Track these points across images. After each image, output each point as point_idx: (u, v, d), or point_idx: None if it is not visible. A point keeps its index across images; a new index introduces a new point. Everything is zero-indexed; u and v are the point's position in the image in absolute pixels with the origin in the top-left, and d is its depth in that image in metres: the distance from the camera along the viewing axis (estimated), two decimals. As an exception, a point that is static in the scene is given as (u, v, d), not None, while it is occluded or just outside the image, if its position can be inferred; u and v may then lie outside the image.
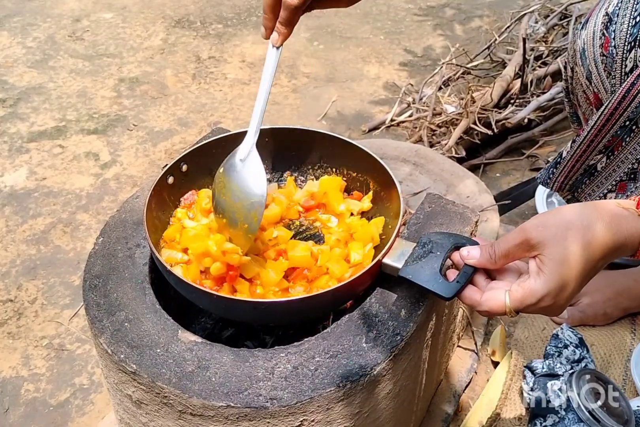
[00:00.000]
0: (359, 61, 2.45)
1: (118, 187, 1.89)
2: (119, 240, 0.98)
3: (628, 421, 1.06)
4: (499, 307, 0.75)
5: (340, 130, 2.07)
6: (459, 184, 1.38)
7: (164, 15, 2.77)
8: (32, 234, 1.73)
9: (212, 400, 0.76)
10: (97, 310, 0.87)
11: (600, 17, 1.07)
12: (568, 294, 0.74)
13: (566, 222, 0.74)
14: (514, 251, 0.76)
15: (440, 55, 2.43)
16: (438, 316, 0.98)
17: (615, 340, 1.30)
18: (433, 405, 1.18)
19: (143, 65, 2.45)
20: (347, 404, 0.79)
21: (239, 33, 2.65)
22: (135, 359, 0.80)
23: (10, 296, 1.56)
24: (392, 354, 0.82)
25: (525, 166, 1.94)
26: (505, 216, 1.68)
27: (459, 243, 0.84)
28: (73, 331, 1.48)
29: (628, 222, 0.73)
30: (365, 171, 1.05)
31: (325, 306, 0.90)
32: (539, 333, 1.32)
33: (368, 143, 1.50)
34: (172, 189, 1.00)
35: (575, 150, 1.12)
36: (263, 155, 1.09)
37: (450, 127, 1.91)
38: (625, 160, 1.06)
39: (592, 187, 1.15)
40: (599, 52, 1.07)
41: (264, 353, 0.82)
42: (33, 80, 2.35)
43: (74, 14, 2.77)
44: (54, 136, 2.09)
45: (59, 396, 1.35)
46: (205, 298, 0.86)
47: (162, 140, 2.08)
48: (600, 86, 1.10)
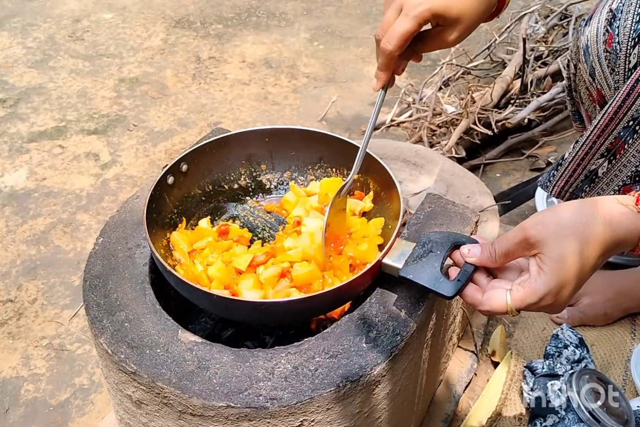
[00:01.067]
0: (359, 61, 2.45)
1: (118, 187, 1.89)
2: (119, 240, 0.98)
3: (628, 421, 1.06)
4: (500, 307, 0.75)
5: (340, 131, 2.07)
6: (459, 184, 1.38)
7: (164, 16, 2.77)
8: (32, 234, 1.73)
9: (212, 400, 0.76)
10: (97, 310, 0.87)
11: (604, 13, 1.07)
12: (569, 292, 0.74)
13: (565, 220, 0.73)
14: (514, 250, 0.76)
15: (440, 55, 2.42)
16: (438, 316, 0.98)
17: (615, 340, 1.30)
18: (433, 405, 1.18)
19: (143, 66, 2.45)
20: (347, 404, 0.79)
21: (239, 33, 2.65)
22: (135, 359, 0.80)
23: (10, 296, 1.56)
24: (392, 355, 0.82)
25: (525, 166, 1.94)
26: (505, 216, 1.68)
27: (458, 242, 0.84)
28: (73, 331, 1.48)
29: (627, 218, 0.73)
30: (365, 171, 1.05)
31: (326, 306, 0.90)
32: (539, 333, 1.32)
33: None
34: (172, 189, 1.00)
35: (577, 152, 1.11)
36: (263, 155, 1.10)
37: (450, 128, 1.91)
38: (628, 163, 1.05)
39: (593, 195, 1.13)
40: (603, 48, 1.07)
41: (264, 353, 0.82)
42: (33, 81, 2.36)
43: (74, 14, 2.77)
44: (54, 136, 2.09)
45: (59, 396, 1.35)
46: (205, 299, 0.86)
47: (162, 140, 2.08)
48: (603, 83, 1.10)
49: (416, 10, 0.83)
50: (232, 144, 1.05)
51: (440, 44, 0.90)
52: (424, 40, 0.90)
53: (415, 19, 0.83)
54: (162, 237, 0.97)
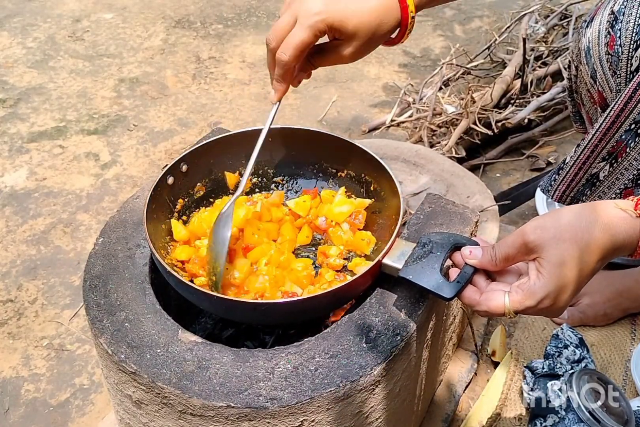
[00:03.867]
0: (359, 61, 2.45)
1: (118, 187, 1.89)
2: (119, 240, 0.98)
3: (628, 421, 1.06)
4: (498, 308, 0.75)
5: (340, 131, 2.07)
6: (459, 184, 1.38)
7: (164, 16, 2.77)
8: (32, 235, 1.73)
9: (212, 400, 0.76)
10: (97, 310, 0.87)
11: (606, 15, 1.07)
12: (567, 296, 0.74)
13: (564, 225, 0.74)
14: (514, 254, 0.76)
15: (440, 55, 2.43)
16: (438, 316, 0.98)
17: (615, 340, 1.30)
18: (433, 405, 1.18)
19: (143, 66, 2.45)
20: (347, 404, 0.79)
21: (239, 33, 2.65)
22: (135, 359, 0.80)
23: (10, 296, 1.56)
24: (392, 355, 0.82)
25: (525, 166, 1.94)
26: (505, 216, 1.68)
27: (459, 243, 0.84)
28: (73, 331, 1.48)
29: (626, 223, 0.73)
30: (365, 171, 1.05)
31: (326, 306, 0.90)
32: (539, 333, 1.32)
33: (368, 143, 1.50)
34: (172, 189, 1.00)
35: (579, 156, 1.10)
36: (264, 155, 1.10)
37: (450, 128, 1.91)
38: (630, 167, 1.05)
39: (594, 199, 1.13)
40: (605, 50, 1.07)
41: (264, 353, 0.82)
42: (33, 81, 2.36)
43: (74, 15, 2.77)
44: (54, 136, 2.09)
45: (59, 396, 1.35)
46: (205, 299, 0.86)
47: (162, 140, 2.08)
48: (605, 85, 1.10)
49: (311, 21, 0.82)
50: (232, 144, 1.05)
51: (336, 58, 0.89)
52: (322, 53, 0.90)
53: (311, 29, 0.83)
54: (162, 237, 0.97)
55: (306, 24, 0.83)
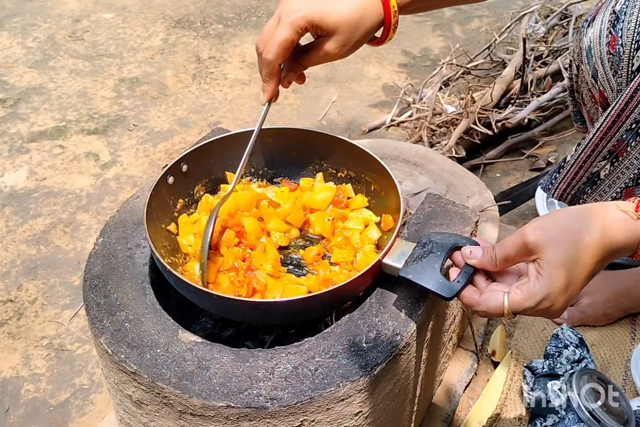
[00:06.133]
0: (359, 61, 2.45)
1: (118, 187, 1.89)
2: (119, 240, 0.98)
3: (628, 421, 1.06)
4: (497, 308, 0.75)
5: (340, 131, 2.07)
6: (459, 184, 1.38)
7: (164, 16, 2.77)
8: (32, 234, 1.73)
9: (212, 400, 0.76)
10: (97, 310, 0.87)
11: (607, 15, 1.07)
12: (566, 297, 0.74)
13: (564, 226, 0.74)
14: (514, 255, 0.76)
15: (440, 55, 2.43)
16: (438, 316, 0.98)
17: (615, 340, 1.30)
18: (433, 405, 1.18)
19: (143, 66, 2.45)
20: (347, 404, 0.79)
21: (239, 33, 2.65)
22: (135, 359, 0.80)
23: (10, 296, 1.56)
24: (392, 354, 0.82)
25: (525, 166, 1.94)
26: (506, 216, 1.68)
27: (459, 243, 0.84)
28: (73, 331, 1.48)
29: (627, 224, 0.73)
30: (365, 171, 1.05)
31: (326, 306, 0.90)
32: (539, 333, 1.32)
33: (368, 143, 1.50)
34: (172, 189, 1.00)
35: (579, 154, 1.10)
36: (264, 155, 1.10)
37: (450, 127, 1.91)
38: (630, 166, 1.05)
39: (595, 197, 1.13)
40: (606, 50, 1.06)
41: (264, 353, 0.82)
42: (33, 81, 2.36)
43: (74, 14, 2.77)
44: (54, 136, 2.09)
45: (59, 396, 1.35)
46: (205, 298, 0.86)
47: (162, 140, 2.08)
48: (606, 85, 1.10)
49: (291, 18, 0.84)
50: (232, 144, 1.05)
51: (323, 55, 0.90)
52: (309, 52, 0.91)
53: (292, 26, 0.84)
54: (162, 237, 0.97)
55: (287, 22, 0.85)
